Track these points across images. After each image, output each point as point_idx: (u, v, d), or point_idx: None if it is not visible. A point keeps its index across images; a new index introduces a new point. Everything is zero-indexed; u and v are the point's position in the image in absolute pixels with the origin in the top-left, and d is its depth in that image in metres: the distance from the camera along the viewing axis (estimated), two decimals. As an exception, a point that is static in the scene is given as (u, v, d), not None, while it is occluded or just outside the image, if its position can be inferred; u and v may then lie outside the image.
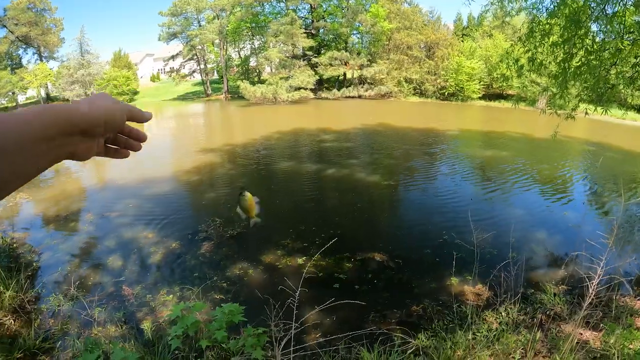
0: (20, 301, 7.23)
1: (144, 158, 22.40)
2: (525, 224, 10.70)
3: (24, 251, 9.87)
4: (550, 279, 7.52)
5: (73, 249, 10.00)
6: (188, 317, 3.44)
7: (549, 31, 8.94)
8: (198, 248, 9.47)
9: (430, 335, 5.72)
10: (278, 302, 4.53)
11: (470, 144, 23.92)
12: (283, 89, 49.87)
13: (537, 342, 5.17)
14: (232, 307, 3.61)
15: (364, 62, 53.52)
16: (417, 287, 7.65)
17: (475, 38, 58.89)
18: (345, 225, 10.80)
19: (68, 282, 8.13)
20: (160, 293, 7.60)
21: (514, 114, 38.12)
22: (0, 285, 7.25)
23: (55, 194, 15.08)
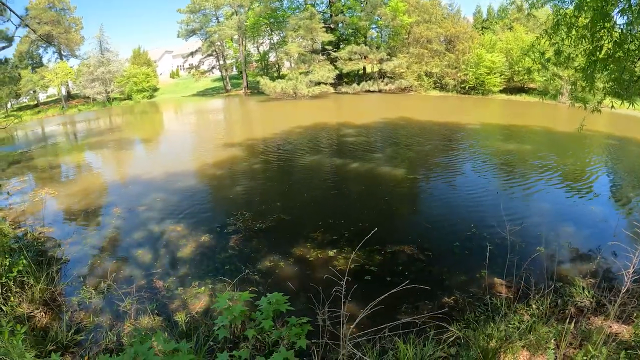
0: (51, 294, 7.32)
1: (168, 154, 22.62)
2: (552, 217, 10.55)
3: (53, 245, 10.00)
4: (579, 272, 7.44)
5: (102, 242, 10.11)
6: (235, 307, 3.37)
7: (575, 23, 8.75)
8: (227, 241, 9.53)
9: (462, 327, 5.71)
10: (311, 293, 4.48)
11: (493, 138, 23.63)
12: (303, 84, 49.79)
13: (568, 334, 5.09)
14: (277, 296, 3.58)
15: (384, 56, 53.21)
16: (447, 279, 7.62)
17: (495, 31, 58.24)
18: (373, 218, 10.73)
19: (98, 275, 8.23)
20: (192, 285, 7.65)
21: (536, 107, 37.65)
22: (31, 278, 7.29)
23: (80, 190, 15.24)
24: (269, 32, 65.12)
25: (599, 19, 8.08)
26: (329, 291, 5.01)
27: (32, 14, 62.73)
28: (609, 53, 8.47)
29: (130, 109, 56.98)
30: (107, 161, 22.05)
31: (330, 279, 4.41)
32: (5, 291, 6.87)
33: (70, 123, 46.60)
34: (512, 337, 5.05)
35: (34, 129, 43.85)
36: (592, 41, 8.50)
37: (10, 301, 6.65)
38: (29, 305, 6.82)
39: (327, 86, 51.39)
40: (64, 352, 5.75)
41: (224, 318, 3.37)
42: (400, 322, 5.20)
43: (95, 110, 60.62)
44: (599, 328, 5.00)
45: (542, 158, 17.48)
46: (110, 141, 27.94)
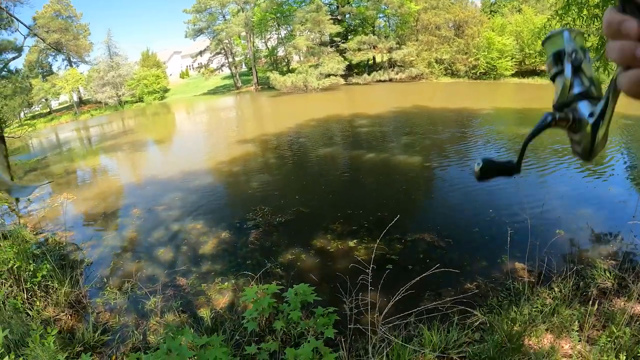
0: (76, 296, 7.41)
1: (182, 153, 22.75)
2: (571, 200, 10.47)
3: (74, 249, 10.16)
4: (600, 254, 7.35)
5: (123, 243, 10.23)
6: (263, 299, 3.37)
7: (586, 3, 8.63)
8: (248, 236, 9.58)
9: (486, 312, 5.74)
10: (335, 283, 4.48)
11: (506, 122, 23.42)
12: (313, 77, 49.75)
13: (592, 316, 5.11)
14: (303, 287, 3.59)
15: (393, 45, 52.95)
16: (468, 265, 7.59)
17: (504, 14, 57.63)
18: (391, 207, 10.71)
19: (121, 275, 8.32)
20: (215, 281, 7.71)
21: (549, 90, 37.13)
22: (55, 282, 7.38)
23: (97, 193, 15.42)
24: (276, 27, 65.05)
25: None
26: (353, 280, 5.00)
27: (40, 23, 63.37)
28: None
29: (142, 111, 57.36)
30: (123, 164, 22.25)
31: (353, 269, 4.42)
32: (31, 296, 6.98)
33: (83, 128, 47.05)
34: (535, 320, 5.08)
35: (48, 136, 44.36)
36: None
37: (36, 305, 6.75)
38: (55, 308, 6.93)
39: (337, 78, 51.27)
40: (92, 352, 5.84)
41: (253, 311, 3.37)
42: (425, 308, 5.21)
43: (108, 114, 61.16)
44: (622, 309, 5.02)
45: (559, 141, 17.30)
46: (124, 144, 28.16)
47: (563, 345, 4.84)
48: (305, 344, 3.23)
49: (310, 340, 3.28)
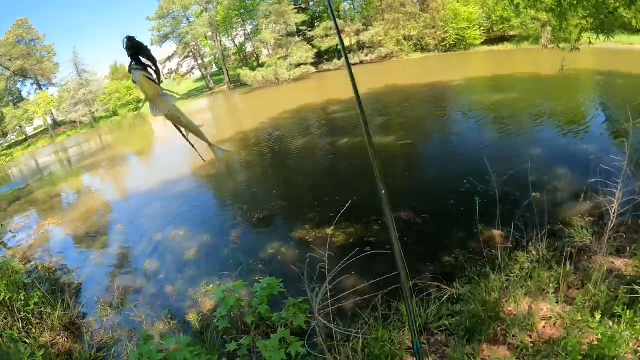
0: (69, 318, 7.47)
1: (161, 161, 22.80)
2: (545, 161, 10.63)
3: (64, 272, 10.21)
4: (576, 212, 7.48)
5: (109, 260, 10.34)
6: (230, 297, 3.56)
7: None
8: (228, 236, 9.73)
9: (465, 282, 5.81)
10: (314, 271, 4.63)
11: (478, 91, 23.61)
12: (283, 68, 49.74)
13: (569, 275, 5.21)
14: (270, 280, 3.74)
15: (360, 26, 52.92)
16: (445, 238, 7.74)
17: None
18: (367, 189, 10.86)
19: (110, 291, 8.44)
20: (200, 285, 7.83)
21: (519, 54, 37.47)
22: (47, 307, 7.46)
23: (81, 213, 15.46)
24: (241, 23, 64.73)
25: None
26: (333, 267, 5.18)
27: (2, 51, 62.45)
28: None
29: (117, 125, 57.05)
30: (104, 180, 22.26)
31: (330, 256, 4.55)
32: (26, 324, 7.07)
33: (61, 150, 46.71)
34: (513, 285, 5.14)
35: (27, 163, 44.05)
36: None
37: (32, 332, 6.85)
38: (50, 333, 7.01)
39: (307, 66, 51.27)
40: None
41: (222, 309, 3.55)
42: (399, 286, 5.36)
43: (84, 132, 60.63)
44: (597, 266, 5.03)
45: (531, 104, 17.54)
46: (103, 160, 28.11)
47: (542, 308, 4.92)
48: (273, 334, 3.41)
49: (279, 330, 3.46)
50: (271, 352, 3.27)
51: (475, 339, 4.61)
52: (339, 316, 5.69)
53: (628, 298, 4.34)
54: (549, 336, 4.46)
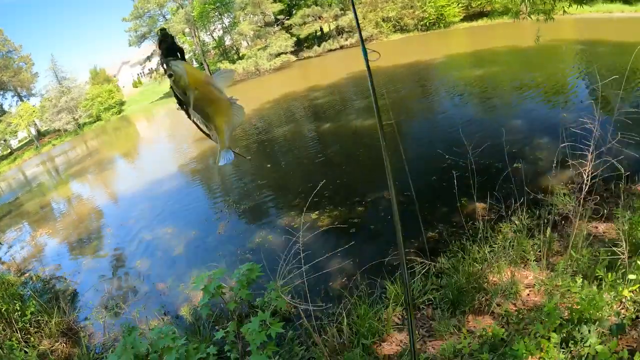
0: (67, 324, 7.52)
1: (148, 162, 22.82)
2: (526, 132, 10.77)
3: (59, 280, 10.26)
4: (559, 180, 7.54)
5: (102, 263, 10.45)
6: (210, 285, 3.65)
7: None
8: (216, 229, 9.84)
9: (449, 257, 5.88)
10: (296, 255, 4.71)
11: (460, 67, 23.70)
12: (264, 59, 49.59)
13: (552, 242, 5.35)
14: (249, 266, 3.80)
15: (337, 12, 52.68)
16: (429, 214, 7.81)
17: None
18: (351, 172, 11.00)
19: (105, 294, 8.54)
20: (190, 279, 7.88)
21: (499, 29, 37.47)
22: (45, 315, 7.52)
23: (72, 221, 15.54)
24: (218, 17, 64.32)
25: None
26: (318, 251, 5.27)
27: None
28: None
29: (102, 130, 56.69)
30: (93, 185, 22.26)
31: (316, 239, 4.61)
32: (25, 334, 7.13)
33: (48, 160, 46.42)
34: (497, 255, 5.20)
35: (15, 176, 43.73)
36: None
37: (31, 341, 6.92)
38: (49, 340, 7.06)
39: (288, 55, 51.10)
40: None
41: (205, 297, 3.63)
42: (387, 266, 5.47)
43: (69, 140, 60.18)
44: (578, 232, 5.11)
45: (512, 77, 17.69)
46: (90, 166, 28.06)
47: (527, 276, 5.04)
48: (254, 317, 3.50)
49: (259, 313, 3.54)
50: (253, 335, 3.36)
51: (461, 311, 4.73)
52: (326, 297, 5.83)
53: (608, 261, 4.43)
54: (534, 303, 4.57)
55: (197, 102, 1.66)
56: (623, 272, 4.15)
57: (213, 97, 1.76)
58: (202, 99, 1.68)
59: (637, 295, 3.90)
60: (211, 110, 1.78)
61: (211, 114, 1.78)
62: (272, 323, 3.43)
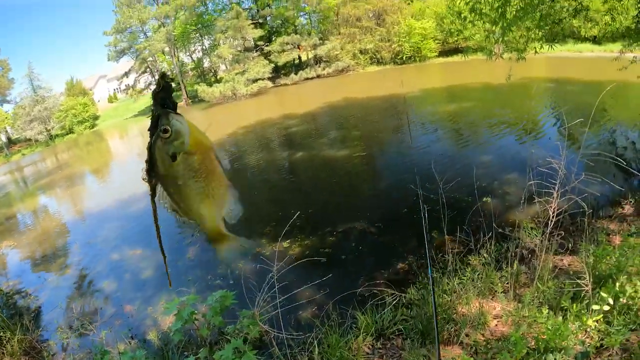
0: (29, 342, 7.38)
1: (119, 181, 22.64)
2: (496, 167, 11.11)
3: (22, 296, 10.05)
4: (526, 215, 7.67)
5: (68, 282, 10.23)
6: (184, 311, 3.73)
7: None
8: (186, 253, 9.78)
9: (419, 288, 5.98)
10: (267, 283, 4.81)
11: (433, 102, 24.26)
12: (241, 84, 49.77)
13: (520, 275, 5.51)
14: (223, 293, 3.90)
15: (316, 41, 53.40)
16: (399, 246, 7.98)
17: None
18: (323, 202, 11.14)
19: (70, 314, 8.37)
20: (159, 303, 7.83)
21: (472, 65, 38.37)
22: (7, 332, 7.39)
23: (38, 235, 15.24)
24: (199, 38, 64.54)
25: None
26: (289, 280, 5.38)
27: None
28: (521, 5, 9.03)
29: (74, 143, 55.79)
30: (61, 200, 21.90)
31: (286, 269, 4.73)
32: (-16, 352, 7.01)
33: (17, 169, 45.46)
34: (464, 288, 5.35)
35: (-20, 183, 42.83)
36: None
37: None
38: (11, 358, 6.98)
39: (265, 81, 51.38)
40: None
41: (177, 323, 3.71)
42: (358, 297, 5.60)
43: (40, 150, 59.10)
44: (544, 264, 5.31)
45: (484, 113, 18.20)
46: (60, 179, 27.59)
47: (495, 307, 5.18)
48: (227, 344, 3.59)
49: (232, 340, 3.64)
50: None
51: (430, 341, 4.78)
52: (297, 326, 5.92)
53: (573, 293, 4.63)
54: (501, 333, 4.69)
55: (187, 172, 1.40)
56: (587, 303, 4.34)
57: (213, 169, 1.49)
58: (198, 169, 1.42)
59: (601, 325, 4.11)
60: (204, 187, 1.48)
61: (202, 192, 1.47)
62: (246, 351, 3.53)
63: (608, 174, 8.45)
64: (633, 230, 6.48)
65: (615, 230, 6.77)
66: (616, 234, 6.53)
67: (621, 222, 7.12)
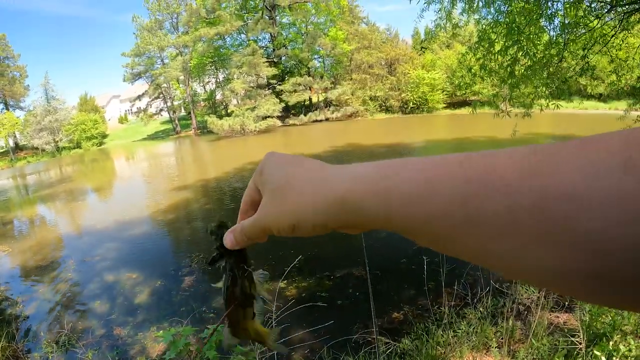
0: (13, 351, 7.35)
1: (121, 201, 22.68)
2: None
3: (10, 303, 10.01)
4: None
5: (59, 296, 10.15)
6: (179, 341, 3.78)
7: (495, 39, 9.58)
8: (182, 282, 9.73)
9: (413, 339, 6.02)
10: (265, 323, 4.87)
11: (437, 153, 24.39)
12: (250, 120, 50.44)
13: (516, 330, 5.53)
14: (220, 327, 3.93)
15: (328, 84, 54.40)
16: (396, 295, 8.02)
17: (434, 50, 60.24)
18: (322, 245, 11.16)
19: (58, 328, 8.29)
20: (150, 330, 7.81)
21: (479, 119, 38.58)
22: (-9, 337, 7.39)
23: (34, 244, 15.18)
24: (214, 71, 65.59)
25: (513, 33, 8.94)
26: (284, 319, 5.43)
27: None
28: (529, 63, 9.34)
29: (80, 158, 56.04)
30: (60, 213, 21.90)
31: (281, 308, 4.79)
32: (-32, 356, 6.99)
33: (20, 176, 45.55)
34: (460, 341, 5.35)
35: (-18, 182, 42.85)
36: (509, 54, 9.35)
37: (-27, 364, 6.78)
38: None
39: (274, 119, 52.19)
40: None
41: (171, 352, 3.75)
42: (352, 343, 5.63)
43: (45, 161, 59.28)
44: (540, 321, 5.32)
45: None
46: (62, 192, 27.63)
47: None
48: (220, 380, 3.64)
49: (225, 376, 3.69)
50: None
51: None
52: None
53: (567, 350, 4.66)
54: None
55: None
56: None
57: None
58: None
59: (593, 383, 4.08)
60: None
61: None
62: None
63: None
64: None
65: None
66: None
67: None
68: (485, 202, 0.37)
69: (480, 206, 0.37)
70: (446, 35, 60.12)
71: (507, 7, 9.41)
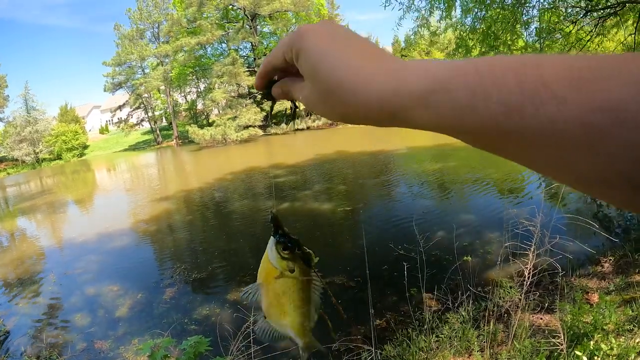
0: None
1: (102, 213, 22.52)
2: (477, 227, 11.22)
3: (-11, 318, 9.93)
4: (505, 273, 7.85)
5: (40, 310, 10.06)
6: (158, 353, 3.80)
7: (472, 45, 9.75)
8: (163, 294, 9.68)
9: (396, 345, 6.06)
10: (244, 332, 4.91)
11: (419, 160, 24.58)
12: (232, 129, 50.42)
13: (498, 334, 5.59)
14: (197, 339, 3.95)
15: (309, 93, 54.42)
16: (378, 302, 7.93)
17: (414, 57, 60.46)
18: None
19: (39, 343, 8.23)
20: (132, 343, 7.76)
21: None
22: (-31, 353, 7.33)
23: (14, 258, 15.03)
24: (195, 81, 65.48)
25: (489, 39, 9.13)
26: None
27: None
28: None
29: (61, 169, 55.42)
30: (41, 226, 21.68)
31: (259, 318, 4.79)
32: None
33: (0, 188, 45.14)
34: (441, 346, 5.42)
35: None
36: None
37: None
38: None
39: (255, 129, 52.17)
40: None
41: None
42: (334, 351, 5.66)
43: (25, 172, 58.64)
44: (521, 323, 5.39)
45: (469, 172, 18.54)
46: (43, 204, 27.34)
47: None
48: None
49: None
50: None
51: None
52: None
53: (549, 351, 4.68)
54: None
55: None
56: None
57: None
58: None
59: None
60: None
61: None
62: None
63: (588, 232, 8.64)
64: (612, 288, 6.68)
65: (594, 288, 6.95)
66: (595, 291, 6.71)
67: (600, 280, 7.29)
68: (534, 112, 0.40)
69: (532, 114, 0.40)
70: (425, 42, 60.97)
71: (483, 13, 9.60)
